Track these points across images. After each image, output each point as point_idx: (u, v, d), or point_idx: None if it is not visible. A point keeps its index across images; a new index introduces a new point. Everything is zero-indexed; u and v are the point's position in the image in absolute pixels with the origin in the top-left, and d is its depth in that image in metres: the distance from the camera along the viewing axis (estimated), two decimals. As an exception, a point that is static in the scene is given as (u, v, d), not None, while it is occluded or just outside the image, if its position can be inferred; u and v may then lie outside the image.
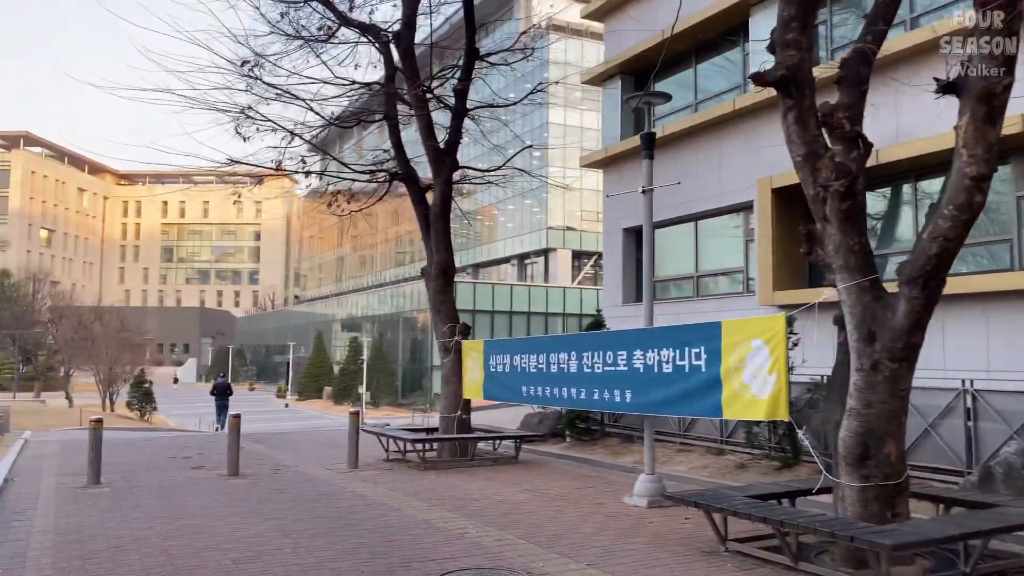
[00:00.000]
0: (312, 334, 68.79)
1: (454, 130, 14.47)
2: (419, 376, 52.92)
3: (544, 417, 16.81)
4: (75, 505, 9.92)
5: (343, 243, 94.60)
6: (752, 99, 15.49)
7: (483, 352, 13.40)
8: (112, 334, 41.93)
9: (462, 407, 14.23)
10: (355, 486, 11.49)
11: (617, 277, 19.14)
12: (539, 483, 11.80)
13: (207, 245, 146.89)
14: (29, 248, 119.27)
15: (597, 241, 57.98)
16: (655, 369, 9.32)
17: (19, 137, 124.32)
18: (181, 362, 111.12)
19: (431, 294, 14.80)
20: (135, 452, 16.53)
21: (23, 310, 50.67)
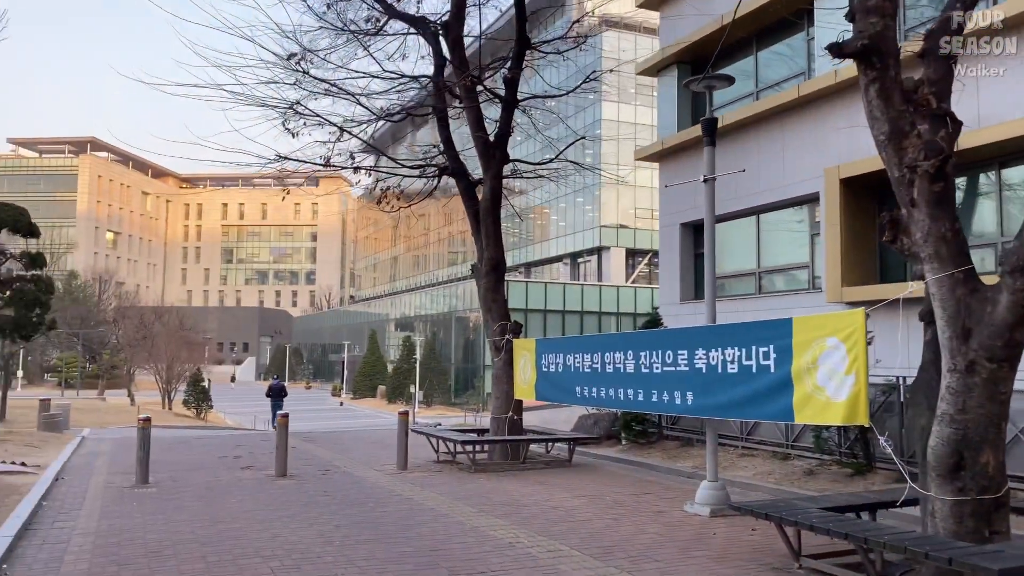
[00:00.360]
0: (366, 333, 69.28)
1: (504, 122, 14.02)
2: (471, 375, 52.74)
3: (599, 419, 16.25)
4: (120, 506, 9.76)
5: (397, 243, 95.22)
6: (818, 85, 14.68)
7: (535, 351, 12.92)
8: (171, 333, 42.75)
9: (514, 408, 13.78)
10: (403, 489, 11.13)
11: (674, 274, 18.45)
12: (594, 488, 11.27)
13: (265, 246, 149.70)
14: (96, 250, 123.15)
15: (652, 238, 56.97)
16: (719, 369, 8.70)
17: (86, 142, 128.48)
18: (240, 361, 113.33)
19: (482, 292, 14.39)
20: (187, 451, 16.51)
21: (88, 310, 52.04)
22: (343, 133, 14.86)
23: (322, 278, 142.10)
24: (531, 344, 13.21)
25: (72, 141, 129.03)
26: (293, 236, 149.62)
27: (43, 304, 18.01)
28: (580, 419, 16.83)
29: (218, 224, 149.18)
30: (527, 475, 12.54)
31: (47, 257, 67.47)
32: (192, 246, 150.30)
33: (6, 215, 17.21)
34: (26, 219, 17.85)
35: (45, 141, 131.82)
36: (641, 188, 55.52)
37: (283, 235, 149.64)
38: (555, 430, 15.34)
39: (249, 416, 41.90)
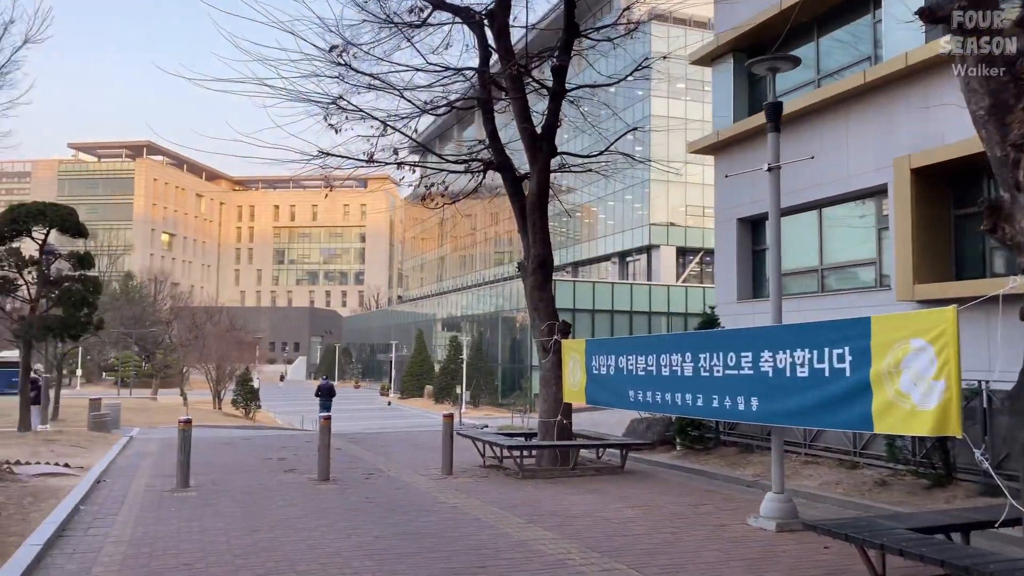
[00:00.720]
0: (413, 333, 69.37)
1: (551, 112, 13.45)
2: (518, 376, 52.28)
3: (652, 423, 15.58)
4: (157, 511, 9.47)
5: (443, 243, 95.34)
6: (887, 69, 13.80)
7: (585, 352, 12.32)
8: (222, 333, 43.15)
9: (563, 411, 13.20)
10: (448, 496, 10.66)
11: (731, 272, 17.67)
12: (649, 498, 10.64)
13: (316, 247, 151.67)
14: (152, 252, 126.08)
15: (703, 237, 55.78)
16: (787, 373, 8.01)
17: (142, 147, 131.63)
18: (291, 360, 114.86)
19: (528, 290, 13.85)
20: (231, 452, 16.32)
21: (143, 310, 52.99)
22: (386, 128, 14.46)
23: (370, 278, 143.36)
24: (580, 345, 12.63)
25: (129, 145, 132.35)
26: (342, 237, 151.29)
27: (90, 304, 18.05)
28: (632, 423, 16.18)
29: (270, 226, 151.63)
30: (577, 483, 11.97)
31: (105, 259, 68.94)
32: (245, 247, 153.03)
33: (54, 215, 17.28)
34: (74, 219, 17.90)
35: (103, 146, 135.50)
36: (692, 185, 54.38)
37: (332, 236, 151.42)
38: (605, 434, 14.72)
39: (298, 415, 42.10)
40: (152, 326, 49.97)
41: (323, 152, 13.92)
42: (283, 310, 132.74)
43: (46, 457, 13.50)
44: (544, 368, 13.51)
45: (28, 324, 16.95)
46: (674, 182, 53.90)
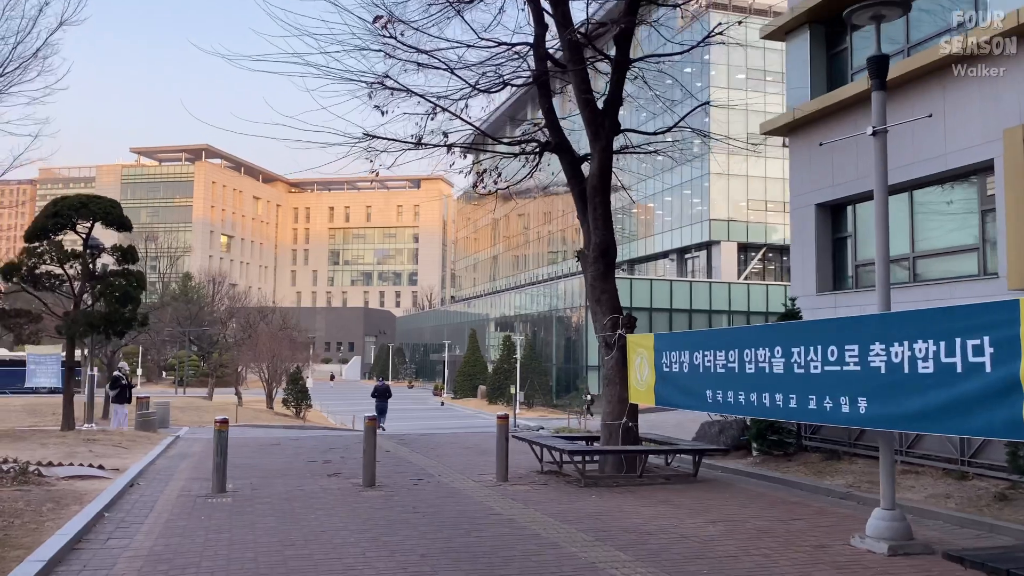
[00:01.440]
0: (466, 333, 68.66)
1: (614, 85, 12.30)
2: (573, 376, 51.03)
3: (725, 426, 14.29)
4: (187, 520, 8.64)
5: (496, 243, 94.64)
6: (993, 32, 12.26)
7: (653, 348, 11.14)
8: (274, 332, 42.92)
9: (628, 413, 12.04)
10: (503, 506, 9.60)
11: (809, 263, 16.23)
12: (731, 511, 9.42)
13: (370, 248, 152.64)
14: (211, 253, 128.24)
15: (765, 232, 53.77)
16: (905, 369, 6.74)
17: (200, 150, 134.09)
18: (346, 360, 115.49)
19: (589, 281, 12.72)
20: (277, 454, 15.57)
21: (200, 309, 53.36)
22: (435, 110, 13.49)
23: (423, 279, 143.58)
24: (648, 340, 11.45)
25: (188, 149, 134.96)
26: (396, 238, 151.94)
27: (134, 299, 17.54)
28: (703, 426, 14.89)
29: (325, 227, 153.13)
30: (647, 492, 10.79)
31: (164, 261, 69.90)
32: (301, 248, 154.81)
33: (96, 207, 16.80)
34: (117, 211, 17.42)
35: (163, 150, 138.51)
36: (754, 178, 52.46)
37: (386, 237, 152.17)
38: (673, 438, 13.49)
39: (350, 415, 41.60)
40: (208, 325, 50.16)
41: (368, 135, 13.01)
42: (338, 310, 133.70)
43: (83, 458, 12.88)
44: (607, 366, 12.37)
45: (72, 320, 16.50)
46: (735, 175, 52.05)
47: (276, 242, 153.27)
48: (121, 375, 21.75)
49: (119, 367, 23.19)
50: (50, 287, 17.32)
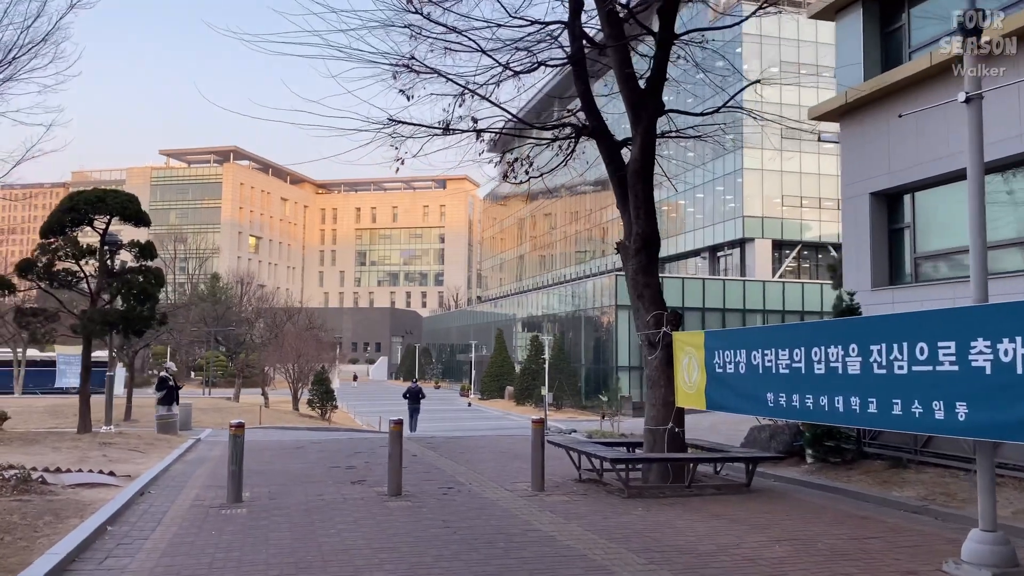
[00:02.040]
0: (493, 333, 67.85)
1: (658, 62, 11.38)
2: (603, 377, 49.99)
3: (776, 431, 13.28)
4: (196, 535, 7.88)
5: (522, 242, 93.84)
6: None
7: (704, 347, 10.20)
8: (300, 332, 42.38)
9: (674, 418, 11.11)
10: (541, 520, 8.74)
11: (863, 256, 15.14)
12: (794, 527, 8.46)
13: (396, 248, 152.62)
14: (239, 254, 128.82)
15: (801, 229, 52.38)
16: (1017, 370, 5.76)
17: (228, 152, 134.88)
18: (373, 360, 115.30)
19: (630, 275, 11.80)
20: (299, 458, 14.84)
21: (227, 309, 53.09)
22: (464, 94, 12.68)
23: (450, 279, 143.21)
24: (698, 338, 10.51)
25: (216, 151, 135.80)
26: (422, 238, 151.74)
27: (152, 297, 16.91)
28: (752, 431, 13.88)
29: (352, 228, 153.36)
30: (697, 504, 9.86)
31: (192, 262, 69.96)
32: (328, 249, 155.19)
33: (114, 202, 16.18)
34: (135, 206, 16.80)
35: (192, 152, 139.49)
36: (788, 173, 51.09)
37: (412, 237, 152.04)
38: (723, 445, 12.52)
39: (377, 416, 40.94)
40: (235, 326, 49.86)
41: (393, 119, 12.23)
42: (364, 311, 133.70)
43: (94, 463, 12.22)
44: (650, 367, 11.44)
45: (88, 318, 15.91)
46: (769, 171, 50.71)
47: (304, 243, 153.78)
48: (168, 375, 20.74)
49: (166, 367, 21.75)
50: (67, 284, 16.75)
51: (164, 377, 20.64)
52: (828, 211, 52.18)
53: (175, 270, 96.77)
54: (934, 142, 13.49)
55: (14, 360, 50.07)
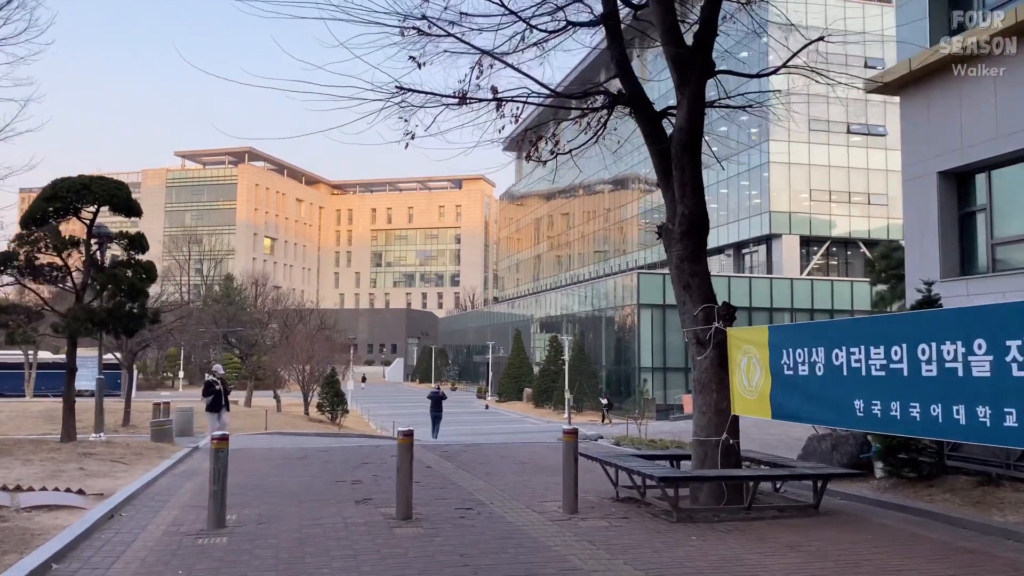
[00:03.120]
0: (510, 334, 66.34)
1: (708, 11, 9.82)
2: (625, 379, 48.36)
3: (839, 441, 11.68)
4: (158, 575, 6.43)
5: (539, 242, 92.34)
6: None
7: (768, 344, 8.64)
8: (311, 333, 41.00)
9: (729, 427, 9.56)
10: (578, 553, 7.23)
11: (929, 243, 13.52)
12: (889, 563, 6.89)
13: (412, 249, 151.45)
14: (254, 256, 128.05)
15: (830, 225, 50.53)
16: None
17: (243, 153, 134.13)
18: (389, 362, 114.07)
19: (675, 262, 10.26)
20: (300, 470, 13.40)
21: (240, 310, 51.89)
22: (483, 61, 11.20)
23: (466, 279, 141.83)
24: (759, 334, 8.96)
25: (231, 152, 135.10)
26: (438, 239, 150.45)
27: (142, 292, 15.51)
28: (811, 441, 12.26)
29: (367, 229, 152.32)
30: (761, 531, 8.30)
31: (206, 264, 68.88)
32: (343, 250, 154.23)
33: (100, 189, 14.79)
34: (123, 194, 15.41)
35: (207, 153, 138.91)
36: (816, 167, 49.23)
37: (428, 238, 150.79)
38: (784, 459, 10.93)
39: (392, 419, 39.52)
40: (246, 326, 48.63)
41: (402, 88, 10.76)
42: (380, 312, 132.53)
43: (68, 478, 10.83)
44: (699, 368, 9.89)
45: (72, 316, 14.55)
46: (796, 164, 48.87)
47: (319, 244, 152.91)
48: (215, 379, 18.39)
49: (214, 369, 19.14)
50: (51, 280, 15.41)
51: (211, 381, 18.47)
52: (858, 205, 50.29)
53: (190, 271, 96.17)
54: (1017, 112, 11.85)
55: (25, 362, 49.06)
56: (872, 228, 50.05)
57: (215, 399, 18.15)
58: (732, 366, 9.43)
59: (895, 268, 29.96)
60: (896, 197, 50.43)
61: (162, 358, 72.98)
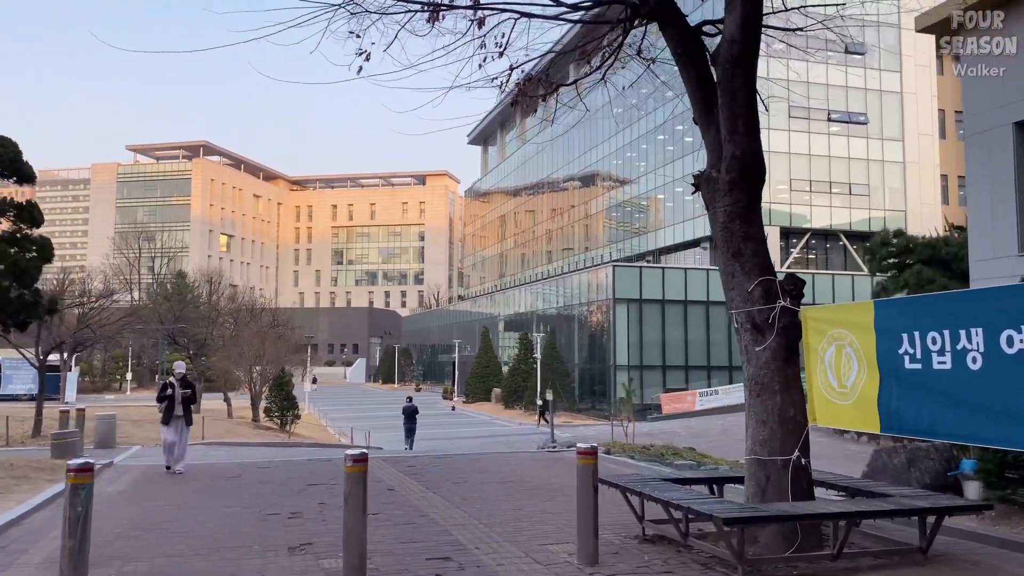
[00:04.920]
0: (477, 332, 63.62)
1: None
2: (599, 377, 45.96)
3: (916, 456, 9.22)
4: None
5: (505, 238, 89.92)
6: None
7: (874, 326, 6.10)
8: (263, 330, 37.67)
9: (801, 444, 7.02)
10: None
11: (1004, 209, 11.15)
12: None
13: (375, 247, 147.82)
14: (209, 253, 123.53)
15: (811, 216, 48.70)
16: None
17: (198, 147, 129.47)
18: (351, 362, 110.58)
19: (721, 221, 7.70)
20: (228, 496, 10.61)
21: (182, 308, 48.39)
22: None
23: (431, 277, 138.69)
24: (860, 313, 6.42)
25: (186, 146, 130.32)
26: (401, 236, 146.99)
27: (30, 275, 12.50)
28: (877, 455, 9.73)
29: (328, 226, 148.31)
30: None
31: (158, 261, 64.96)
32: (303, 248, 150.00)
33: (-23, 146, 11.81)
34: (11, 152, 12.44)
35: (160, 147, 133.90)
36: (797, 156, 47.31)
37: (391, 235, 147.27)
38: (859, 480, 8.40)
39: (354, 424, 36.52)
40: (195, 324, 45.21)
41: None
42: (341, 311, 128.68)
43: None
44: (756, 362, 7.31)
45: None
46: (775, 152, 46.87)
47: (278, 241, 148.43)
48: (172, 381, 13.44)
49: (174, 367, 13.90)
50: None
51: (165, 384, 13.63)
52: (839, 196, 48.55)
53: (140, 268, 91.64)
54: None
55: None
56: (854, 220, 48.35)
57: (168, 407, 13.17)
58: (810, 359, 6.90)
59: (896, 257, 28.02)
60: (878, 187, 48.83)
61: (109, 359, 68.94)
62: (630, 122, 60.71)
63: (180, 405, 13.17)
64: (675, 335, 43.38)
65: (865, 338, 6.19)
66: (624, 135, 61.74)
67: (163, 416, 13.26)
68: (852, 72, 45.99)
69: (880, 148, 48.32)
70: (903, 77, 48.84)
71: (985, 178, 11.46)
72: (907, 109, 48.83)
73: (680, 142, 53.20)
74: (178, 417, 13.15)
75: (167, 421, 13.15)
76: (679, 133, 53.16)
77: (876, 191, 48.48)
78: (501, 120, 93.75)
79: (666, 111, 54.17)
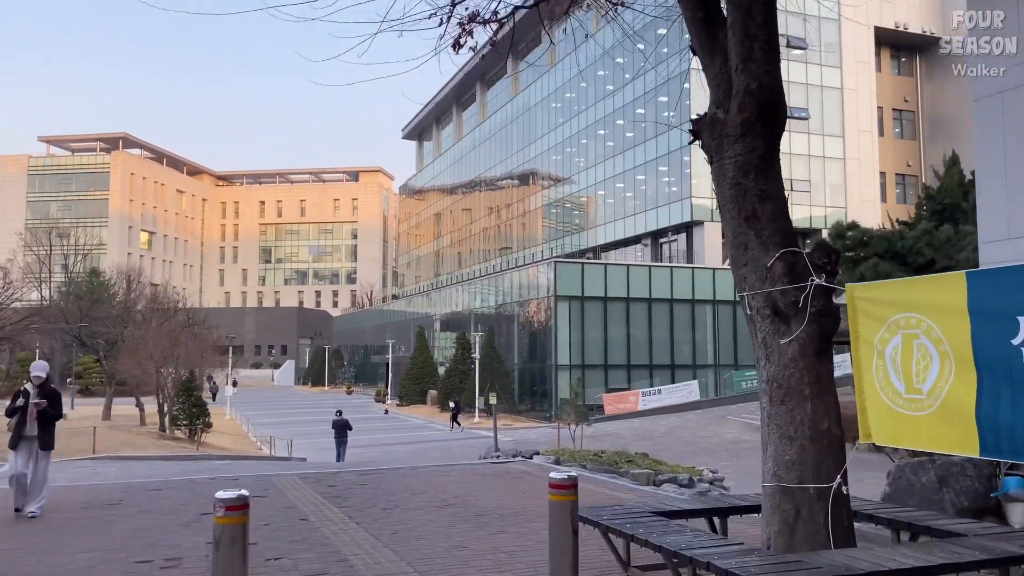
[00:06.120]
0: (412, 332, 61.36)
1: None
2: (540, 377, 44.32)
3: (947, 473, 7.57)
4: None
5: (440, 235, 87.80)
6: None
7: (967, 308, 4.41)
8: (175, 329, 34.59)
9: (841, 466, 5.29)
10: None
11: (1019, 184, 9.72)
12: None
13: (304, 245, 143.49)
14: (129, 251, 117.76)
15: (753, 211, 47.99)
16: None
17: (118, 139, 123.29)
18: (279, 364, 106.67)
19: (731, 175, 5.91)
20: (94, 533, 8.38)
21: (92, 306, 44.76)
22: None
23: (363, 276, 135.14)
24: (943, 290, 4.71)
25: (104, 138, 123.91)
26: (333, 234, 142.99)
27: None
28: (899, 472, 8.06)
29: (255, 223, 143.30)
30: None
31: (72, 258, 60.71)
32: (229, 246, 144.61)
33: None
34: None
35: (76, 139, 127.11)
36: (739, 150, 46.49)
37: (322, 233, 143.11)
38: (894, 507, 6.76)
39: (276, 431, 33.92)
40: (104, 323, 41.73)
41: None
42: (268, 311, 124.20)
43: None
44: (779, 360, 5.55)
45: None
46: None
47: (202, 239, 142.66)
48: (27, 389, 9.82)
49: (32, 370, 10.17)
50: None
51: (17, 392, 10.12)
52: (780, 193, 48.07)
53: (51, 267, 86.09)
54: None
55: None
56: (796, 217, 47.55)
57: (17, 424, 9.52)
58: (860, 353, 5.19)
59: (851, 251, 27.15)
60: (819, 184, 48.49)
61: (14, 363, 64.28)
62: (569, 117, 59.38)
63: (34, 422, 9.48)
64: (617, 333, 42.11)
65: (952, 324, 4.48)
66: (563, 130, 60.36)
67: (11, 437, 9.46)
68: (794, 67, 45.43)
69: (821, 144, 48.02)
70: (843, 73, 48.67)
71: (998, 147, 10.03)
72: (847, 105, 48.67)
73: (621, 137, 52.05)
74: (30, 438, 9.47)
75: (15, 444, 9.42)
76: (620, 128, 52.01)
77: (817, 188, 48.16)
78: (437, 115, 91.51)
79: (607, 105, 52.98)
